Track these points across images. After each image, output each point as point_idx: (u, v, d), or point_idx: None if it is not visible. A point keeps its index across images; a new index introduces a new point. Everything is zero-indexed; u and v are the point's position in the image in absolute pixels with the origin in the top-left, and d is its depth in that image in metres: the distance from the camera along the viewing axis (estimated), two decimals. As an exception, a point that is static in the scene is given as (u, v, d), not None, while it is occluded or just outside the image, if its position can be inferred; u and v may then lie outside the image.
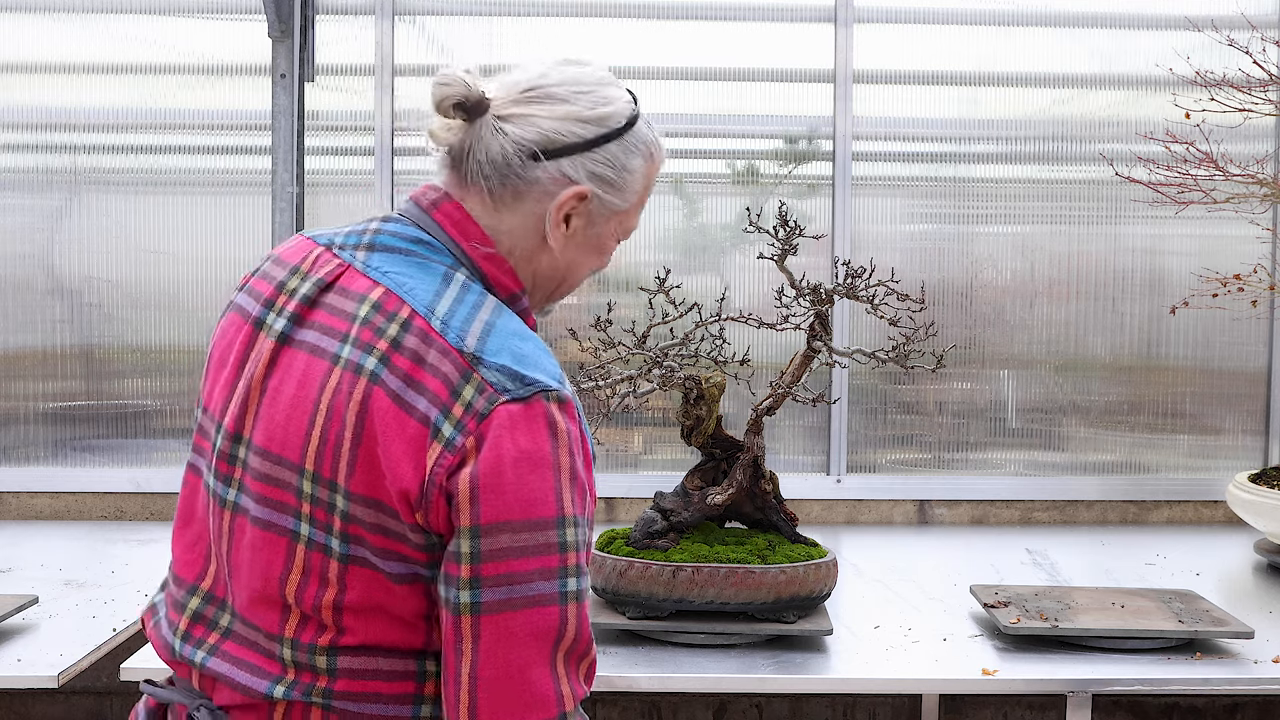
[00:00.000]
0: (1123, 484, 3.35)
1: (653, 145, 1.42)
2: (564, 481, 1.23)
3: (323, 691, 1.27)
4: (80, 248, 3.30)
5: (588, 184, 1.36)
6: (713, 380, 2.21)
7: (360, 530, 1.24)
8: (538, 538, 1.21)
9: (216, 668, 1.31)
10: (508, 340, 1.27)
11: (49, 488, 3.27)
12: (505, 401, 1.22)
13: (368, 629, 1.27)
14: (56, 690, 3.17)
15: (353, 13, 3.30)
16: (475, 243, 1.36)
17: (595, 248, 1.43)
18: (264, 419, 1.30)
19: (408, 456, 1.21)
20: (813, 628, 2.12)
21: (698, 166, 3.37)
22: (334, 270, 1.33)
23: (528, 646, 1.21)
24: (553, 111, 1.34)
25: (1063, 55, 3.35)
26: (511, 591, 1.20)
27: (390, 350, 1.25)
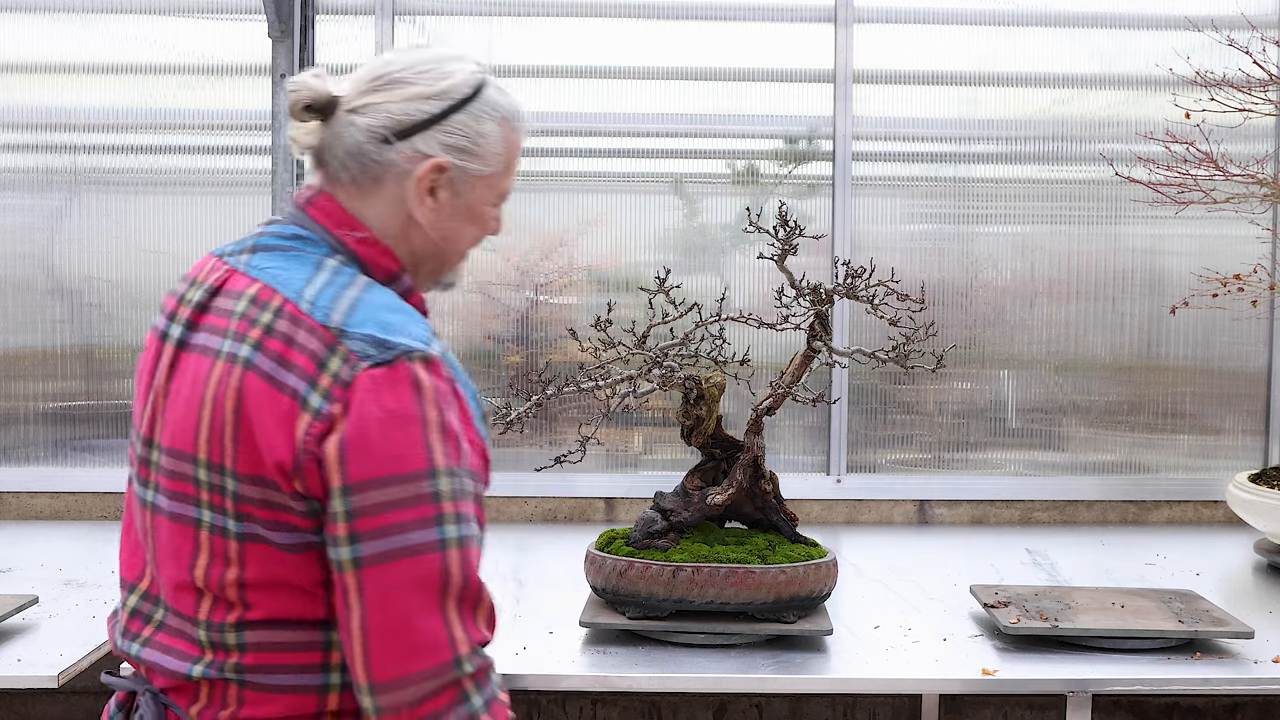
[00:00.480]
0: (1123, 484, 3.35)
1: (505, 109, 1.49)
2: (433, 435, 1.30)
3: (235, 667, 1.36)
4: (80, 248, 3.30)
5: (443, 155, 1.43)
6: (713, 380, 2.21)
7: (251, 508, 1.32)
8: (410, 490, 1.27)
9: (149, 657, 1.42)
10: (374, 312, 1.34)
11: (49, 488, 3.27)
12: (368, 367, 1.29)
13: (270, 603, 1.35)
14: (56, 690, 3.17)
15: (353, 13, 3.30)
16: (347, 230, 1.43)
17: (470, 216, 1.49)
18: (167, 421, 1.40)
19: (279, 430, 1.29)
20: (813, 628, 2.12)
21: (698, 166, 3.37)
22: (221, 276, 1.43)
23: (412, 595, 1.27)
24: (398, 95, 1.42)
25: (1063, 55, 3.35)
26: (389, 543, 1.26)
27: (263, 336, 1.33)
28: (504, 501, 3.30)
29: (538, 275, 3.34)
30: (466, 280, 3.32)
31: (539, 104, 3.32)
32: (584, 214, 3.35)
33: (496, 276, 3.33)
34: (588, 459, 2.19)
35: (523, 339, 3.33)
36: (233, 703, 1.37)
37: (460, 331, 3.33)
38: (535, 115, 3.44)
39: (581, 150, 3.38)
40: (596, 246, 3.34)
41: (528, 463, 3.28)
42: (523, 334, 3.33)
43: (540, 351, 3.33)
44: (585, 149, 3.38)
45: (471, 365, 3.33)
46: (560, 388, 2.15)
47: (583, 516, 3.31)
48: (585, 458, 2.14)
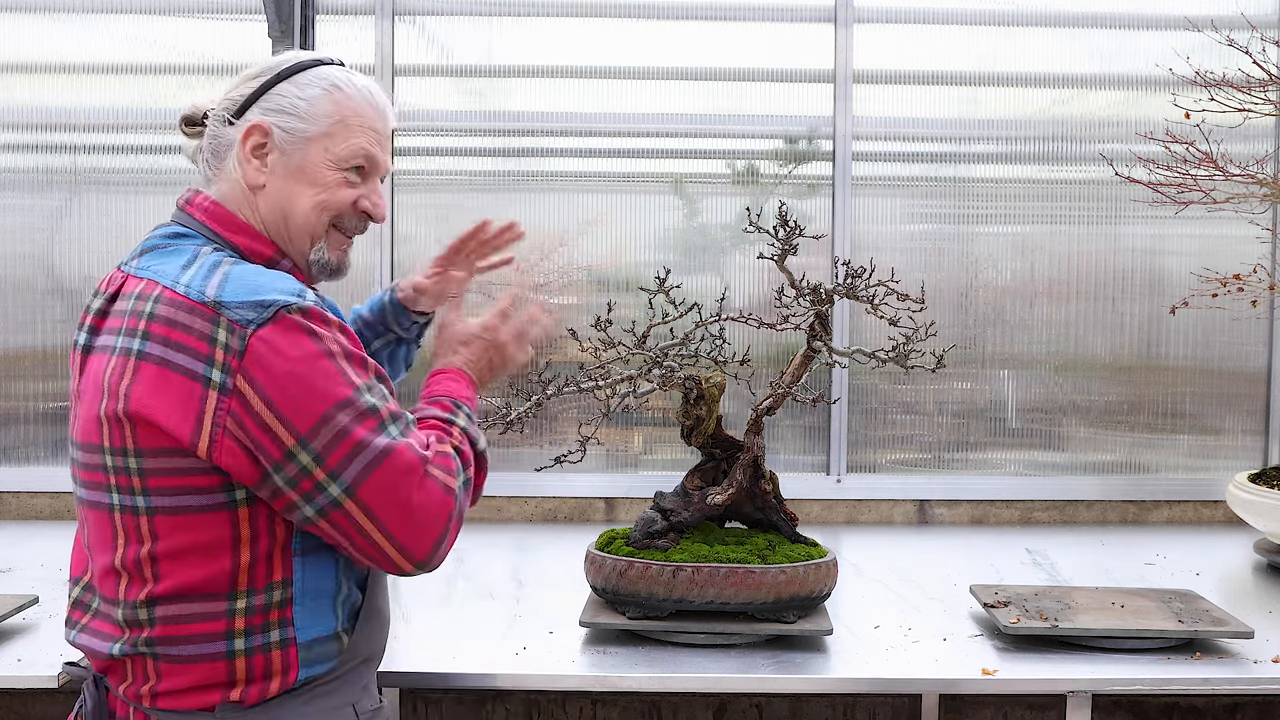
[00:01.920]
0: (1123, 484, 3.35)
1: (337, 79, 1.58)
2: (341, 362, 1.42)
3: (146, 641, 1.45)
4: (80, 248, 3.30)
5: (263, 118, 1.55)
6: (713, 380, 2.21)
7: (158, 480, 1.42)
8: (347, 414, 1.40)
9: (82, 642, 1.52)
10: (245, 279, 1.43)
11: (49, 488, 3.27)
12: (255, 329, 1.38)
13: (178, 573, 1.43)
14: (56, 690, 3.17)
15: (353, 13, 3.30)
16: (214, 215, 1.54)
17: (304, 178, 1.57)
18: (76, 419, 1.50)
19: (179, 408, 1.38)
20: (813, 628, 2.12)
21: (698, 166, 3.37)
22: (118, 282, 1.53)
23: (404, 482, 1.41)
24: (233, 83, 1.61)
25: (1063, 55, 3.35)
26: (362, 459, 1.40)
27: (148, 325, 1.42)
28: (504, 501, 3.30)
29: (537, 275, 3.34)
30: (466, 280, 3.32)
31: (539, 104, 3.32)
32: (584, 214, 3.35)
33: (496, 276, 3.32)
34: (588, 459, 2.19)
35: (523, 339, 3.33)
36: (151, 676, 1.46)
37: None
38: (535, 115, 3.47)
39: (581, 150, 3.38)
40: (596, 246, 3.34)
41: (528, 463, 3.28)
42: (523, 334, 3.33)
43: (540, 351, 3.32)
44: (585, 149, 3.38)
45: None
46: (560, 388, 2.14)
47: (583, 516, 3.31)
48: (585, 458, 2.14)
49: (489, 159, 3.35)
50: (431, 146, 3.35)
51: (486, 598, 2.49)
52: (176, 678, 1.45)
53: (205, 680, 1.45)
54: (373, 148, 1.60)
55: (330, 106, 1.57)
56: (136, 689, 1.47)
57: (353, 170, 1.59)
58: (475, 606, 2.42)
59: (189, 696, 1.46)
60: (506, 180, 3.34)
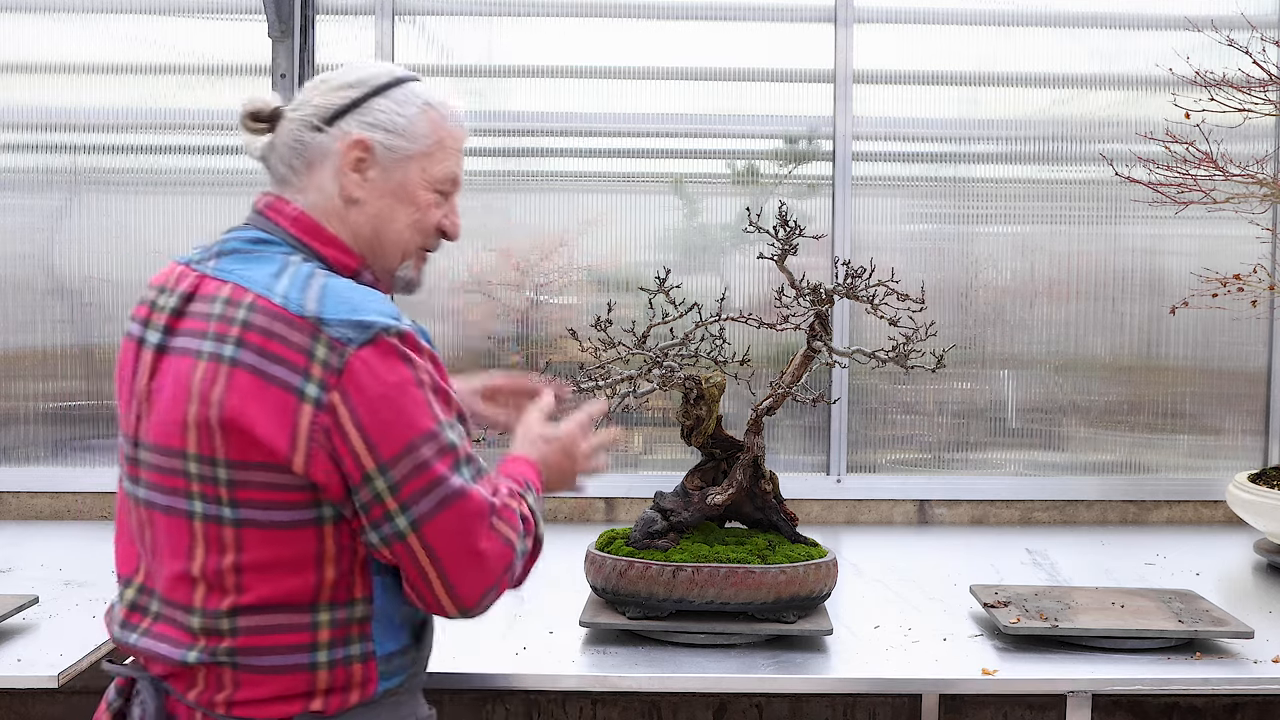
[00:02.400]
0: (1123, 484, 3.35)
1: (430, 98, 1.60)
2: (430, 395, 1.43)
3: (228, 651, 1.44)
4: (80, 248, 3.30)
5: (365, 132, 1.54)
6: (713, 380, 2.21)
7: (248, 492, 1.41)
8: (430, 447, 1.41)
9: (146, 646, 1.49)
10: (343, 295, 1.43)
11: (49, 488, 3.27)
12: (355, 349, 1.39)
13: (263, 586, 1.43)
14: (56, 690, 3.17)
15: (353, 13, 3.30)
16: (308, 231, 1.53)
17: (403, 196, 1.58)
18: (152, 421, 1.47)
19: (275, 420, 1.38)
20: (813, 628, 2.12)
21: (698, 166, 3.37)
22: (193, 282, 1.51)
23: (470, 528, 1.43)
24: (322, 89, 1.57)
25: (1063, 55, 3.35)
26: (434, 496, 1.41)
27: (243, 333, 1.41)
28: (504, 501, 3.30)
29: (538, 275, 3.34)
30: (466, 279, 3.32)
31: (539, 104, 3.32)
32: (584, 214, 3.35)
33: (497, 277, 3.33)
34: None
35: (523, 339, 3.33)
36: (228, 686, 1.45)
37: (460, 331, 3.33)
38: (536, 115, 3.47)
39: (581, 150, 3.38)
40: (596, 246, 3.34)
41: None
42: (523, 334, 3.33)
43: (540, 351, 3.32)
44: (585, 149, 3.38)
45: (472, 365, 3.33)
46: (560, 388, 2.14)
47: (583, 516, 3.31)
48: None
49: (489, 159, 3.35)
50: (431, 146, 3.35)
51: (486, 598, 2.48)
52: (257, 688, 1.45)
53: (286, 691, 1.45)
54: (459, 169, 1.64)
55: (428, 126, 1.58)
56: (210, 696, 1.46)
57: (441, 192, 1.62)
58: (475, 606, 2.42)
59: (268, 706, 1.45)
60: (506, 180, 3.34)
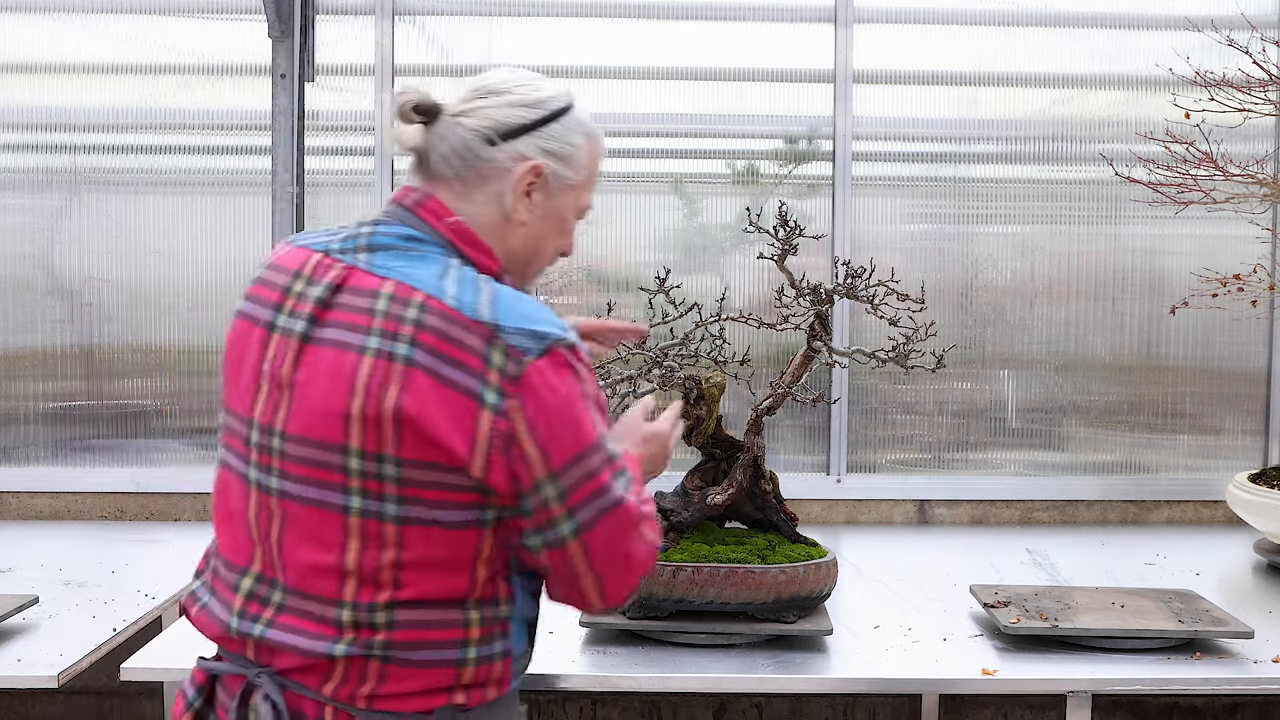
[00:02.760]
0: (1123, 484, 3.35)
1: (590, 128, 1.63)
2: (593, 408, 1.46)
3: (382, 644, 1.43)
4: (80, 248, 3.30)
5: (540, 159, 1.55)
6: (713, 380, 2.21)
7: (416, 490, 1.41)
8: (596, 457, 1.44)
9: (277, 637, 1.46)
10: (513, 304, 1.44)
11: (49, 488, 3.27)
12: (532, 359, 1.40)
13: (422, 582, 1.43)
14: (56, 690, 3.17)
15: (353, 13, 3.30)
16: (457, 230, 1.53)
17: (557, 223, 1.61)
18: (297, 411, 1.45)
19: (455, 424, 1.38)
20: (813, 628, 2.12)
21: (698, 166, 3.37)
22: (340, 274, 1.48)
23: (625, 536, 1.47)
24: (499, 102, 1.55)
25: (1063, 55, 3.35)
26: (597, 506, 1.44)
27: (416, 333, 1.40)
28: (504, 501, 3.30)
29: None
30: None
31: (539, 104, 3.32)
32: (584, 214, 3.34)
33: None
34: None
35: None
36: (372, 679, 1.44)
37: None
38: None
39: (581, 150, 3.38)
40: (596, 246, 3.34)
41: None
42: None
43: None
44: (585, 149, 3.38)
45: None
46: (560, 388, 2.14)
47: (583, 516, 3.31)
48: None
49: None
50: (431, 146, 3.35)
51: (486, 598, 2.49)
52: (405, 681, 1.45)
53: (433, 685, 1.46)
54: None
55: (588, 158, 1.62)
56: (351, 690, 1.45)
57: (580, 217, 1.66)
58: (475, 606, 2.42)
59: (414, 699, 1.46)
60: (506, 180, 3.33)
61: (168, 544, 2.94)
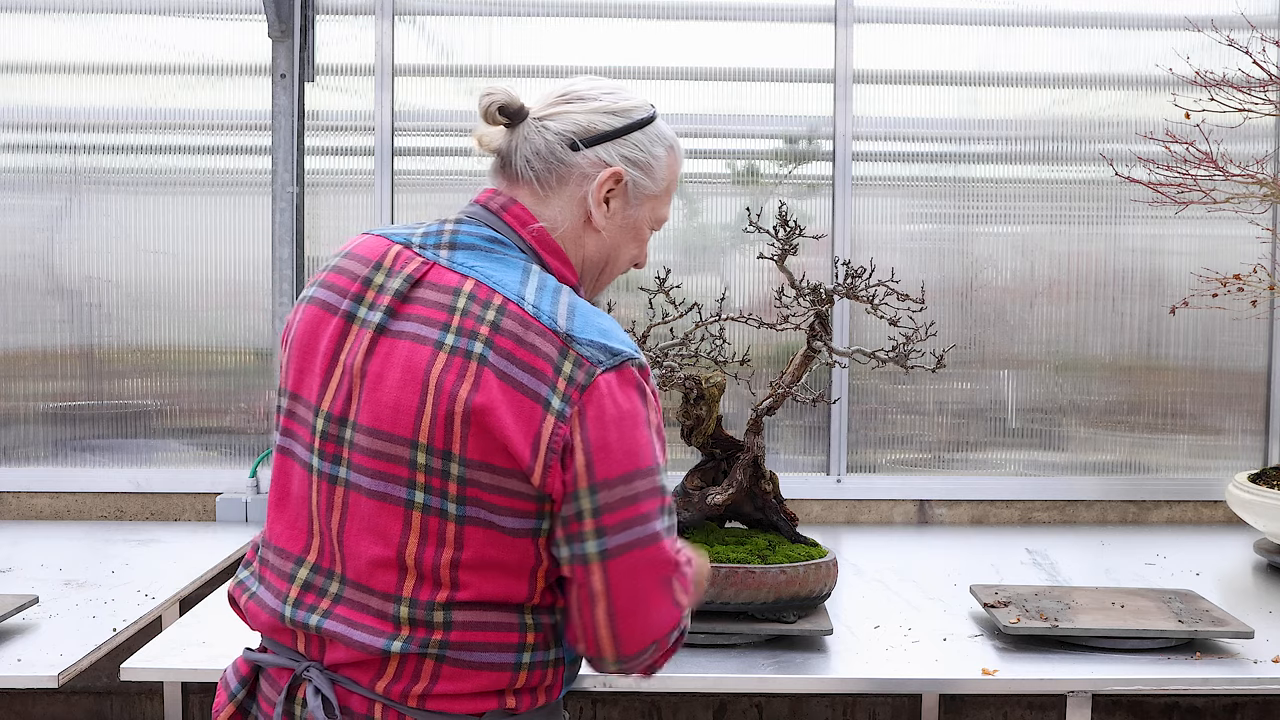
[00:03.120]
0: (1123, 484, 3.35)
1: (672, 139, 1.62)
2: (654, 434, 1.43)
3: (438, 643, 1.42)
4: (80, 248, 3.30)
5: (621, 166, 1.54)
6: (713, 380, 2.21)
7: (478, 492, 1.39)
8: (644, 484, 1.40)
9: (333, 628, 1.44)
10: (590, 318, 1.44)
11: (49, 488, 3.27)
12: (602, 372, 1.39)
13: (481, 584, 1.42)
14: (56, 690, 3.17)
15: (353, 13, 3.30)
16: (539, 239, 1.53)
17: (633, 232, 1.61)
18: (368, 402, 1.43)
19: (520, 427, 1.37)
20: (813, 628, 2.12)
21: (698, 166, 3.37)
22: (420, 267, 1.48)
23: (651, 576, 1.41)
24: (584, 107, 1.56)
25: (1063, 55, 3.35)
26: (632, 534, 1.39)
27: (492, 334, 1.40)
28: (504, 501, 3.30)
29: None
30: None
31: (539, 104, 3.32)
32: (584, 214, 3.34)
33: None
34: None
35: (523, 339, 3.33)
36: (426, 678, 1.43)
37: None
38: (535, 115, 3.43)
39: (581, 150, 3.38)
40: (596, 246, 3.33)
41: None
42: (523, 334, 3.33)
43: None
44: (585, 149, 3.38)
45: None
46: (560, 388, 2.14)
47: (583, 516, 3.31)
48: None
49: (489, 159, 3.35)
50: (431, 146, 3.35)
51: (486, 598, 2.48)
52: (460, 682, 1.43)
53: (487, 687, 1.45)
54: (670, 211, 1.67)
55: (667, 170, 1.60)
56: (404, 688, 1.43)
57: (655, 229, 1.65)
58: (475, 606, 2.42)
59: (466, 701, 1.44)
60: (506, 180, 3.33)
61: (168, 544, 2.94)
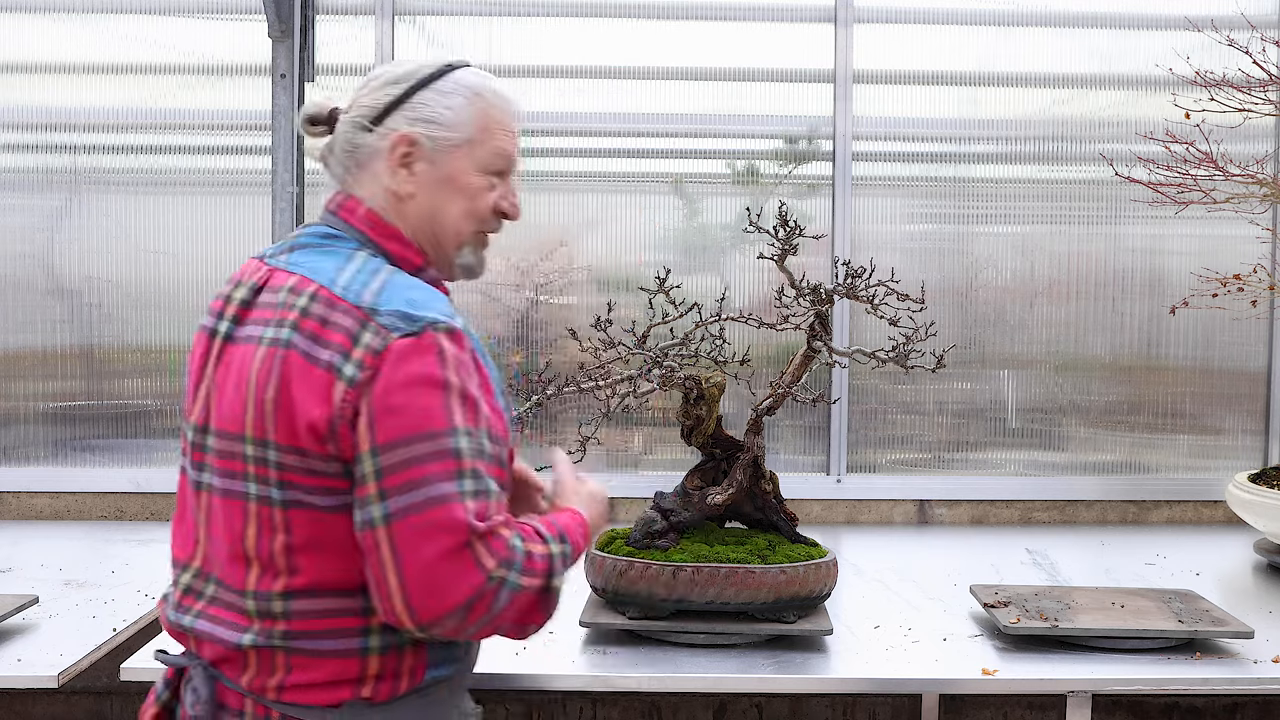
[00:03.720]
0: (1123, 484, 3.35)
1: (477, 84, 1.61)
2: (453, 398, 1.41)
3: (282, 634, 1.45)
4: (80, 248, 3.30)
5: (409, 129, 1.56)
6: (713, 380, 2.21)
7: (292, 475, 1.43)
8: (431, 446, 1.38)
9: (201, 628, 1.50)
10: (402, 292, 1.46)
11: (49, 488, 3.27)
12: (398, 337, 1.41)
13: (314, 568, 1.44)
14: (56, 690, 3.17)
15: (353, 13, 3.30)
16: (371, 224, 1.57)
17: (453, 186, 1.59)
18: (216, 406, 1.51)
19: (314, 397, 1.40)
20: (813, 628, 2.12)
21: (698, 166, 3.37)
22: (264, 275, 1.54)
23: (439, 541, 1.37)
24: (369, 89, 1.60)
25: (1063, 55, 3.35)
26: (415, 496, 1.37)
27: (300, 318, 1.45)
28: (504, 501, 3.30)
29: (538, 275, 3.34)
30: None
31: (539, 104, 3.32)
32: (584, 214, 3.35)
33: (497, 276, 3.33)
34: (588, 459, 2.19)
35: (523, 339, 3.33)
36: (280, 670, 1.46)
37: (460, 331, 3.33)
38: (535, 115, 3.46)
39: (581, 150, 3.38)
40: (596, 246, 3.34)
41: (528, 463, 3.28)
42: (523, 334, 3.33)
43: (540, 351, 3.33)
44: (585, 149, 3.38)
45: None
46: (560, 388, 2.14)
47: (583, 516, 3.31)
48: (585, 458, 2.14)
49: (489, 159, 3.35)
50: (431, 146, 3.35)
51: (486, 598, 2.48)
52: (308, 671, 1.45)
53: (337, 676, 1.46)
54: (511, 149, 1.64)
55: (473, 113, 1.59)
56: (262, 681, 1.46)
57: (494, 174, 1.62)
58: (475, 606, 2.42)
59: (318, 691, 1.46)
60: (506, 180, 3.33)
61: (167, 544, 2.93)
